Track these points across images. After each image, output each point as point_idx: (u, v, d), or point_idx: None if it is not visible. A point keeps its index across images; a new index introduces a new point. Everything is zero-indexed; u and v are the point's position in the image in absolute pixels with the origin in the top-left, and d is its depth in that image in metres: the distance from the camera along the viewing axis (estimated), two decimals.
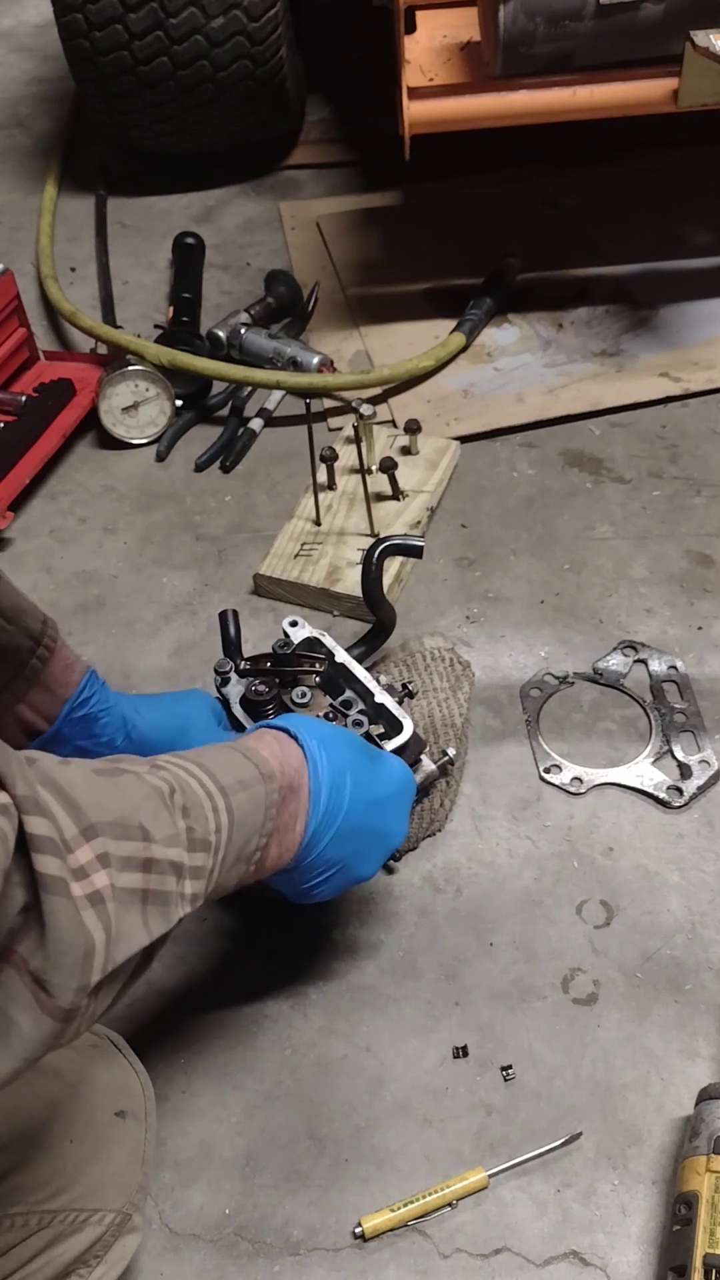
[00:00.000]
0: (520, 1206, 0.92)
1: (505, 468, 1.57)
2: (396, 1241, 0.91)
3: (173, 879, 0.63)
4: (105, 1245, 0.77)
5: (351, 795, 0.87)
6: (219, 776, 0.73)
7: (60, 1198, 0.74)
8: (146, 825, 0.62)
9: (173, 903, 0.63)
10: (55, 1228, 0.74)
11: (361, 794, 0.89)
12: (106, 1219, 0.77)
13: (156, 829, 0.63)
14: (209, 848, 0.68)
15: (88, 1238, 0.76)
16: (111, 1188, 0.78)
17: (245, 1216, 0.93)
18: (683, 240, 1.90)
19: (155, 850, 0.62)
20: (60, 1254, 0.74)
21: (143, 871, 0.61)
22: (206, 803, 0.70)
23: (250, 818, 0.75)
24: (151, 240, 2.10)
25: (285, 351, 1.69)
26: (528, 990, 1.04)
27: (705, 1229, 0.83)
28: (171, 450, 1.65)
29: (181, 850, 0.65)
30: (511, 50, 1.44)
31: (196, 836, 0.67)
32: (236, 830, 0.72)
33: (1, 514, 1.50)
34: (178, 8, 1.89)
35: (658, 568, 1.41)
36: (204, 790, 0.70)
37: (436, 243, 1.95)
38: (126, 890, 0.59)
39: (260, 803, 0.77)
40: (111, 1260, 0.78)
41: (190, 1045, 1.03)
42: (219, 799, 0.71)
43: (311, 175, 2.23)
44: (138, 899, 0.60)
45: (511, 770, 1.21)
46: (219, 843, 0.70)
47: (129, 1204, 0.79)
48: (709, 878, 1.11)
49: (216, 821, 0.70)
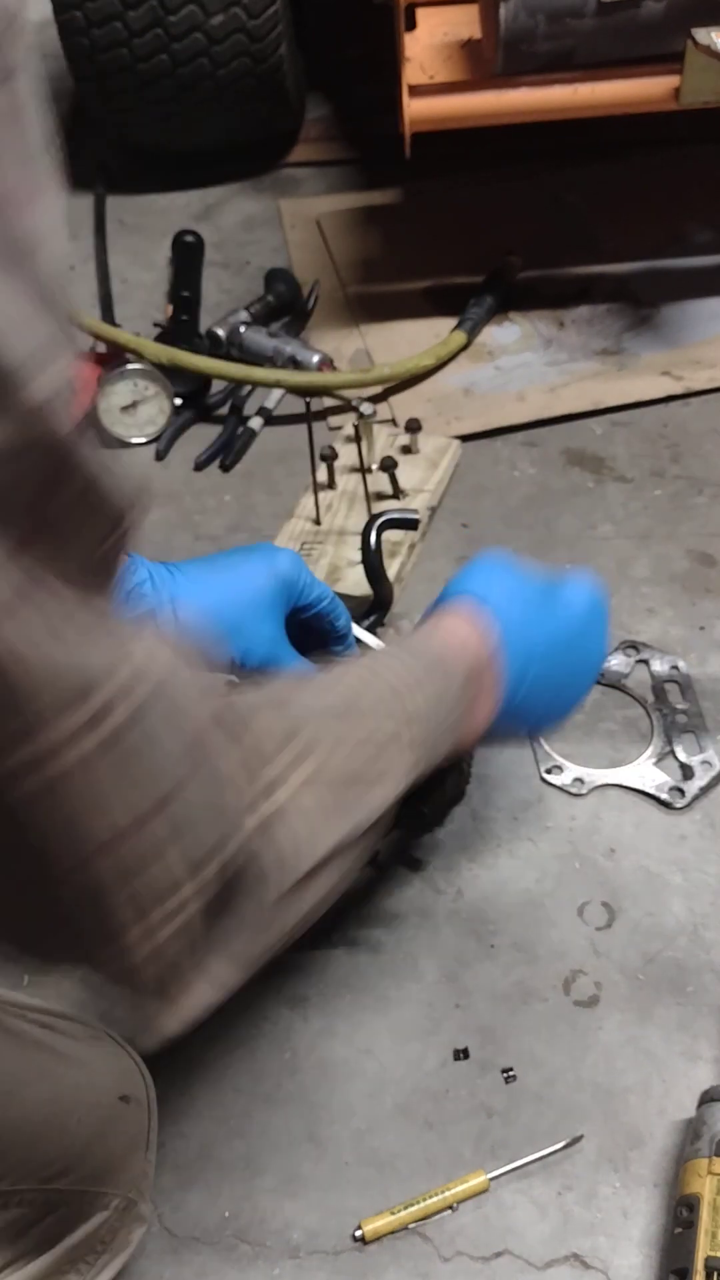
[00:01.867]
0: (521, 1209, 0.92)
1: (506, 467, 1.56)
2: (397, 1244, 0.91)
3: (391, 747, 0.68)
4: (111, 1231, 0.78)
5: (544, 651, 0.89)
6: (403, 674, 0.75)
7: (66, 1177, 0.74)
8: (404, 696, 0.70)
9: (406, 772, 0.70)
10: (62, 1208, 0.74)
11: (547, 638, 0.91)
12: (113, 1203, 0.77)
13: (411, 699, 0.70)
14: (418, 719, 0.72)
15: (94, 1222, 0.76)
16: (117, 1171, 0.78)
17: (245, 1219, 0.93)
18: (685, 238, 1.89)
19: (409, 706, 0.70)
20: (68, 1236, 0.74)
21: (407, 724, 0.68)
22: (405, 693, 0.73)
23: (444, 697, 0.78)
24: (151, 238, 2.09)
25: (285, 350, 1.69)
26: (529, 992, 1.04)
27: (707, 1232, 0.82)
28: (170, 449, 1.65)
29: (402, 726, 0.70)
30: (512, 48, 1.44)
31: (412, 710, 0.71)
32: (437, 708, 0.76)
33: None
34: (177, 5, 1.88)
35: (659, 567, 1.41)
36: (393, 689, 0.73)
37: (437, 241, 1.94)
38: (333, 776, 0.63)
39: (454, 676, 0.80)
40: (117, 1249, 0.79)
41: (189, 1047, 1.03)
42: (413, 691, 0.74)
43: (312, 173, 2.23)
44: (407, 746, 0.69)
45: (512, 771, 1.21)
46: (429, 711, 0.74)
47: (134, 1190, 0.79)
48: (711, 879, 1.10)
49: (418, 701, 0.73)
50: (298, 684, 0.71)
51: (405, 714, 0.71)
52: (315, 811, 0.59)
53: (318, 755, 0.60)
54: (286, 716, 0.61)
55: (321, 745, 0.61)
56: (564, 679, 0.93)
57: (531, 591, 0.93)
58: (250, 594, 0.98)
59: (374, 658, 0.89)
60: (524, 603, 0.90)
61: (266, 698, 0.62)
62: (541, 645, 0.89)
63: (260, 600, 0.98)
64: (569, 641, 0.93)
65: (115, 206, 2.17)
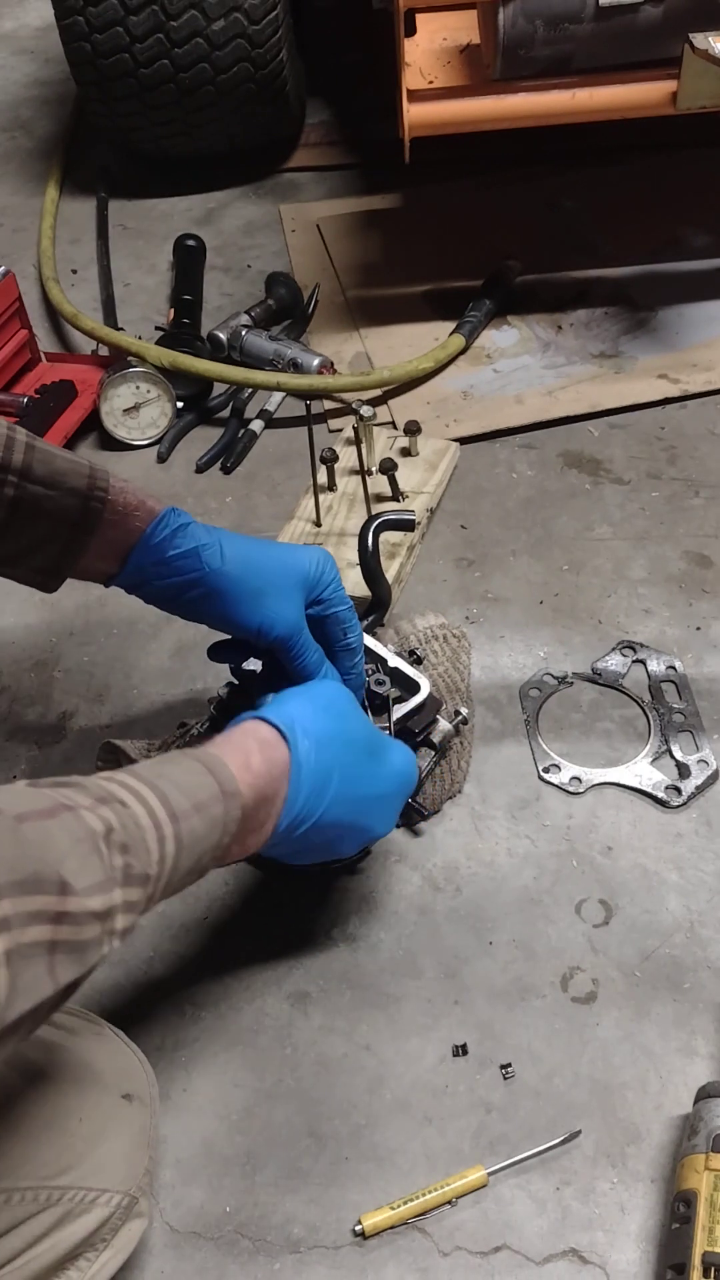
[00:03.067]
0: (520, 1204, 0.93)
1: (504, 469, 1.57)
2: (396, 1239, 0.92)
3: (94, 926, 0.61)
4: (112, 1229, 0.78)
5: (335, 795, 0.87)
6: (173, 801, 0.70)
7: (68, 1175, 0.75)
8: (68, 878, 0.60)
9: (90, 948, 0.61)
10: (63, 1205, 0.75)
11: (348, 793, 0.88)
12: (114, 1200, 0.78)
13: (81, 879, 0.61)
14: (147, 880, 0.67)
15: (95, 1219, 0.76)
16: (118, 1169, 0.78)
17: (246, 1214, 0.94)
18: (682, 242, 1.90)
19: (71, 904, 0.60)
20: (67, 1235, 0.75)
21: (53, 924, 0.58)
22: (152, 834, 0.68)
23: (204, 839, 0.73)
24: (152, 242, 2.10)
25: (286, 353, 1.70)
26: (527, 989, 1.05)
27: (704, 1227, 0.83)
28: (172, 451, 1.66)
29: (113, 890, 0.63)
30: (511, 53, 1.45)
31: (134, 872, 0.65)
32: (185, 854, 0.71)
33: None
34: (179, 10, 1.90)
35: (656, 568, 1.41)
36: (152, 821, 0.68)
37: (436, 245, 1.95)
38: (31, 944, 0.57)
39: (218, 822, 0.75)
40: (118, 1245, 0.79)
41: (190, 1044, 1.03)
42: (167, 827, 0.69)
43: (312, 178, 2.24)
44: (43, 951, 0.58)
45: (511, 770, 1.21)
46: (160, 872, 0.68)
47: (136, 1187, 0.79)
48: (707, 877, 1.11)
49: (161, 852, 0.68)
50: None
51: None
52: (22, 971, 0.56)
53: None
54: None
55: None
56: (346, 832, 0.92)
57: (360, 733, 0.92)
58: (282, 565, 1.00)
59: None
60: (345, 744, 0.89)
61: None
62: (346, 786, 0.88)
63: (290, 574, 1.00)
64: (371, 799, 0.92)
65: (117, 211, 2.18)
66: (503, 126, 1.50)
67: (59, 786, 0.65)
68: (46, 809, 0.63)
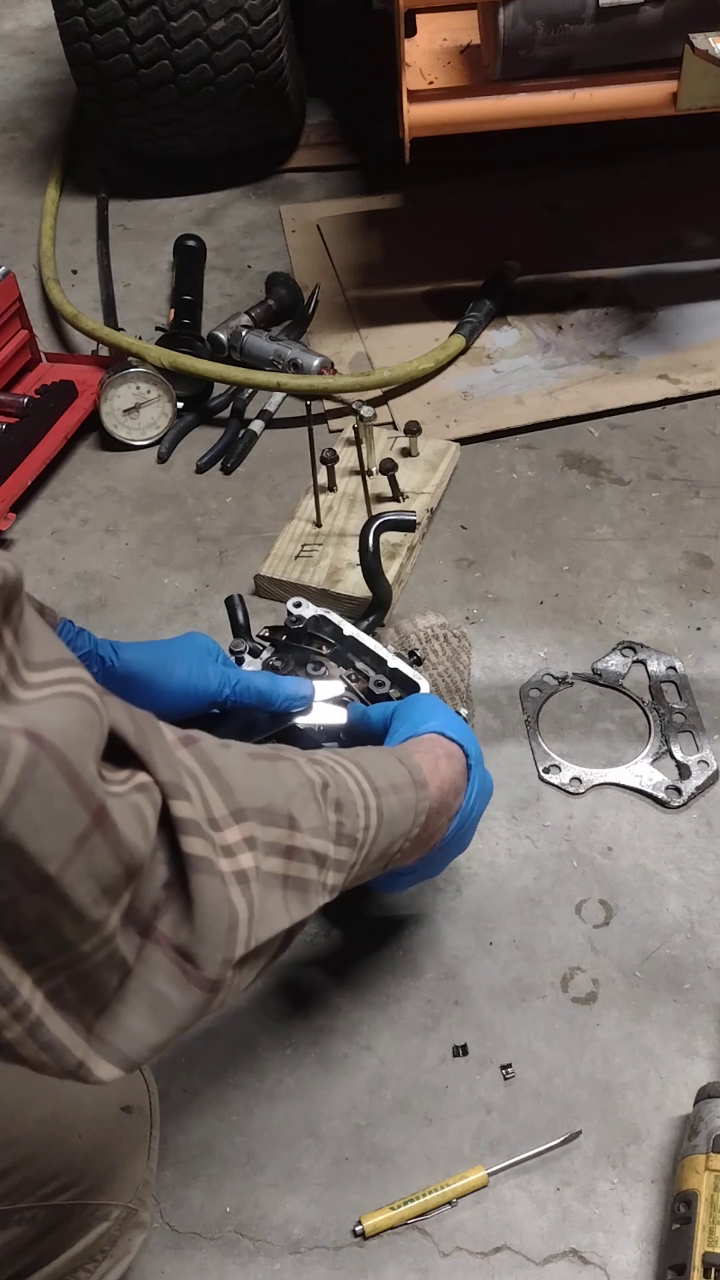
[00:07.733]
0: (520, 1205, 0.93)
1: (505, 469, 1.57)
2: (396, 1239, 0.92)
3: (314, 868, 0.65)
4: (111, 1240, 0.78)
5: (473, 811, 0.92)
6: (374, 777, 0.75)
7: (68, 1192, 0.74)
8: (295, 814, 0.64)
9: (312, 890, 0.65)
10: (64, 1225, 0.74)
11: (476, 801, 0.93)
12: (114, 1213, 0.77)
13: (305, 819, 0.65)
14: (355, 844, 0.70)
15: (95, 1233, 0.76)
16: (118, 1182, 0.78)
17: (246, 1214, 0.94)
18: (682, 243, 1.90)
19: (299, 839, 0.64)
20: (68, 1249, 0.75)
21: (284, 858, 0.62)
22: (360, 800, 0.72)
23: (400, 821, 0.77)
24: (153, 243, 2.10)
25: (286, 353, 1.70)
26: (527, 989, 1.05)
27: (704, 1227, 0.83)
28: (173, 452, 1.66)
29: (328, 842, 0.67)
30: (511, 53, 1.45)
31: (345, 831, 0.69)
32: (384, 831, 0.74)
33: (3, 515, 1.51)
34: (179, 11, 1.90)
35: (656, 569, 1.41)
36: (358, 788, 0.72)
37: (436, 245, 1.95)
38: (269, 873, 0.61)
39: (410, 808, 0.79)
40: (117, 1255, 0.78)
41: (191, 1044, 1.03)
42: (372, 798, 0.73)
43: (312, 178, 2.24)
44: (279, 883, 0.62)
45: (511, 770, 1.21)
46: (366, 840, 0.72)
47: (135, 1199, 0.79)
48: (707, 877, 1.11)
49: (367, 819, 0.72)
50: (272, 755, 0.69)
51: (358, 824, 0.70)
52: (264, 895, 0.60)
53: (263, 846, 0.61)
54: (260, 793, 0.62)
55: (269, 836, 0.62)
56: (457, 849, 0.95)
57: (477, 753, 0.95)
58: (194, 644, 1.02)
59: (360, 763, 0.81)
60: (477, 760, 0.93)
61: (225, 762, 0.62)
62: (474, 806, 0.92)
63: (205, 649, 1.01)
64: (477, 818, 0.96)
65: (118, 211, 2.18)
66: (503, 127, 1.50)
67: (271, 747, 0.70)
68: (270, 754, 0.67)
